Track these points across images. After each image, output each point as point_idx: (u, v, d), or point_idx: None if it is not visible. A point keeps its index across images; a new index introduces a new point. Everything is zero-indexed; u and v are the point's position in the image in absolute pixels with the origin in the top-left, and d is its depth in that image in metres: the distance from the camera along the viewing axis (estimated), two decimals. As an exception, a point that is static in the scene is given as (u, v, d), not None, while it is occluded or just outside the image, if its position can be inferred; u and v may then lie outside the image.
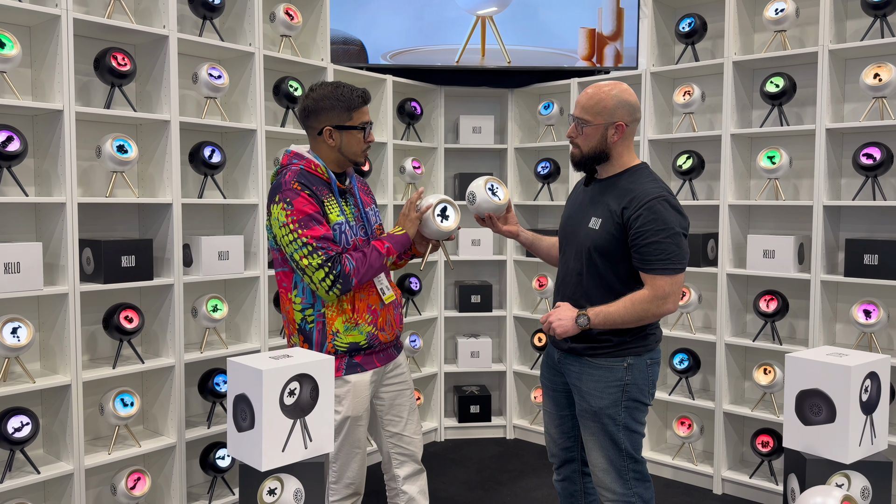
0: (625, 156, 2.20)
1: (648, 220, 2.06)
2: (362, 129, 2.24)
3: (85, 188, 2.92)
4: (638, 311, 2.08)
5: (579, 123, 2.18)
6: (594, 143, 2.17)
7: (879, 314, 3.05)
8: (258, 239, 3.26)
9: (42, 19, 2.64)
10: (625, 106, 2.15)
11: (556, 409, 2.39)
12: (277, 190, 2.17)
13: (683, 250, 2.10)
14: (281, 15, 3.37)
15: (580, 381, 2.23)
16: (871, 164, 3.08)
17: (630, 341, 2.18)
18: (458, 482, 3.64)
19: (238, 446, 1.93)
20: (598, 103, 2.14)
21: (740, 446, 3.68)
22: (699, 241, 3.54)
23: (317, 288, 2.13)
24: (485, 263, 4.48)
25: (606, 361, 2.18)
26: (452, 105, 4.37)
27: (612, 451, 2.20)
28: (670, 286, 2.07)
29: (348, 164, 2.29)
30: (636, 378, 2.18)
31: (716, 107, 3.74)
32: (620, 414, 2.18)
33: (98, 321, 2.91)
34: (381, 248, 2.20)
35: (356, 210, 2.30)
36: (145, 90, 3.02)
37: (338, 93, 2.20)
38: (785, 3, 3.32)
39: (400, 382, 2.39)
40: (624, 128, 2.14)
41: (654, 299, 2.08)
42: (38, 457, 2.73)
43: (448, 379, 4.43)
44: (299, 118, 2.28)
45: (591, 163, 2.21)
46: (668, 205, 2.09)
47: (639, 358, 2.19)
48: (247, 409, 1.89)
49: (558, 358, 2.32)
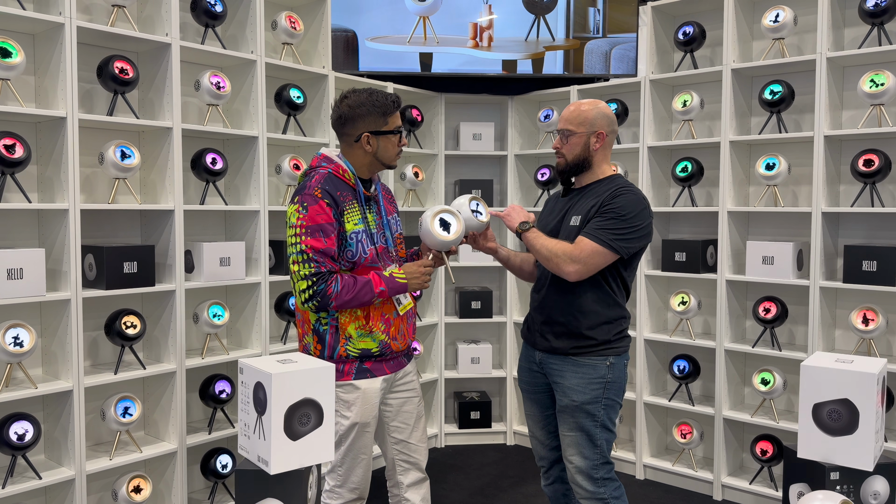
0: (603, 165, 2.39)
1: (609, 202, 2.25)
2: (397, 134, 2.27)
3: (87, 195, 2.93)
4: (553, 253, 2.24)
5: (564, 134, 2.37)
6: (578, 151, 2.36)
7: (878, 320, 3.06)
8: (259, 245, 3.27)
9: (46, 27, 2.66)
10: (604, 117, 2.36)
11: (540, 411, 2.48)
12: (300, 192, 2.18)
13: (623, 235, 2.22)
14: (283, 23, 3.39)
15: (563, 378, 2.33)
16: (870, 170, 3.10)
17: (613, 341, 2.32)
18: (458, 488, 3.65)
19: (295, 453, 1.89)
20: (580, 115, 2.35)
21: (740, 452, 3.68)
22: (698, 248, 3.56)
23: (296, 296, 2.16)
24: (485, 269, 4.49)
25: (591, 360, 2.31)
26: (453, 112, 4.39)
27: (587, 448, 2.30)
28: (588, 254, 2.21)
29: (381, 167, 2.30)
30: (616, 376, 2.32)
31: (715, 114, 3.76)
32: (599, 411, 2.30)
33: (100, 327, 2.92)
34: (377, 287, 2.18)
35: (378, 218, 2.31)
36: (148, 97, 3.04)
37: (373, 99, 2.21)
38: (783, 10, 3.34)
39: (408, 390, 2.39)
40: (604, 136, 2.35)
41: (568, 255, 2.22)
42: (39, 462, 2.73)
43: (448, 385, 4.44)
44: (334, 126, 2.27)
45: (574, 171, 2.39)
46: (632, 195, 2.26)
47: (618, 358, 2.33)
48: (312, 412, 1.88)
49: (539, 359, 2.41)
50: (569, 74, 4.07)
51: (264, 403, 1.86)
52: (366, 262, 2.21)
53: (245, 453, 1.97)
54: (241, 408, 1.98)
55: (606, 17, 4.05)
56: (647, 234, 2.29)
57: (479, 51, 4.03)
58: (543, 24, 4.03)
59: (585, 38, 4.06)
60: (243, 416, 1.97)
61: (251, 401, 1.92)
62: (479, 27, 4.02)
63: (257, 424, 1.89)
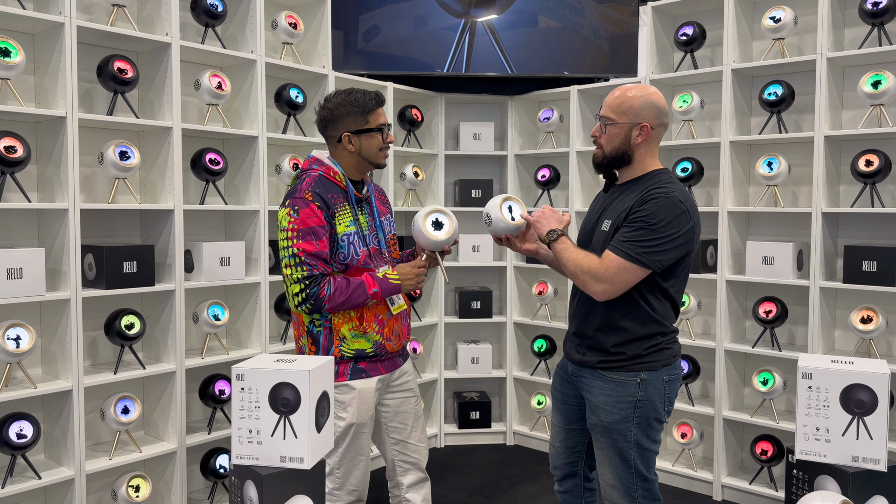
0: (647, 160, 2.13)
1: (640, 209, 2.02)
2: (380, 131, 2.26)
3: (87, 194, 2.93)
4: (578, 270, 2.04)
5: (604, 122, 2.13)
6: (617, 144, 2.11)
7: (878, 321, 3.06)
8: (259, 245, 3.27)
9: (46, 27, 2.66)
10: (651, 108, 2.09)
11: (565, 423, 2.33)
12: (290, 195, 2.19)
13: (653, 247, 1.99)
14: (283, 23, 3.39)
15: (591, 395, 2.17)
16: (870, 170, 3.10)
17: (644, 355, 2.10)
18: (458, 489, 3.65)
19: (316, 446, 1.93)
20: (623, 102, 2.10)
21: (740, 452, 3.68)
22: (698, 248, 3.56)
23: (290, 299, 2.16)
24: (485, 269, 4.49)
25: (619, 375, 2.11)
26: (453, 112, 4.39)
27: (620, 467, 2.14)
28: (614, 271, 1.99)
29: (369, 166, 2.30)
30: (650, 394, 2.10)
31: (715, 114, 3.76)
32: (632, 430, 2.11)
33: (100, 327, 2.92)
34: (370, 289, 2.18)
35: (371, 219, 2.31)
36: (148, 97, 3.04)
37: (351, 98, 2.23)
38: (783, 11, 3.34)
39: (406, 390, 2.39)
40: (649, 130, 2.09)
41: (594, 273, 2.02)
42: (39, 462, 2.73)
43: (448, 385, 4.44)
44: (319, 129, 2.30)
45: (612, 164, 2.16)
46: (666, 202, 2.00)
47: (654, 373, 2.10)
48: (326, 403, 1.92)
49: (571, 370, 2.26)
50: (569, 74, 4.06)
51: (294, 402, 1.87)
52: (358, 264, 2.21)
53: (252, 461, 1.93)
54: (241, 415, 1.91)
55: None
56: (686, 241, 2.03)
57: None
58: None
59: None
60: (246, 422, 1.92)
61: (262, 405, 1.91)
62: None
63: (279, 425, 1.89)
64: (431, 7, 3.95)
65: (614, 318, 2.10)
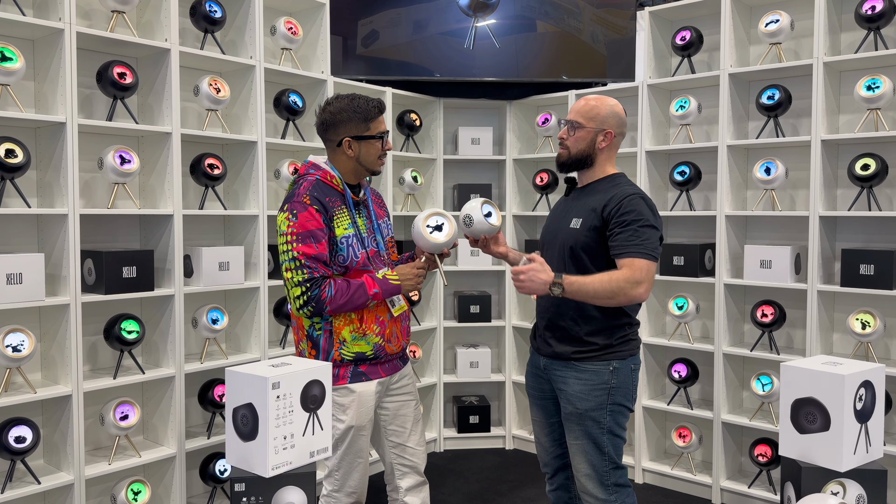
0: (606, 164, 2.34)
1: (627, 211, 2.17)
2: (380, 138, 2.29)
3: (87, 199, 2.94)
4: (613, 287, 2.10)
5: (572, 126, 2.32)
6: (583, 147, 2.30)
7: (876, 324, 3.07)
8: (258, 250, 3.28)
9: (45, 33, 2.67)
10: (615, 117, 2.31)
11: (545, 417, 2.43)
12: (289, 200, 2.21)
13: (655, 241, 2.18)
14: (282, 28, 3.40)
15: (566, 385, 2.28)
16: (867, 174, 3.11)
17: (615, 345, 2.25)
18: (457, 493, 3.65)
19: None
20: (592, 109, 2.30)
21: (739, 456, 3.68)
22: (696, 252, 3.56)
23: (291, 303, 2.17)
24: (484, 274, 4.49)
25: (593, 365, 2.25)
26: (451, 117, 4.40)
27: (595, 455, 2.26)
28: (646, 271, 2.13)
29: (366, 172, 2.32)
30: (621, 382, 2.25)
31: (712, 118, 3.77)
32: (605, 417, 2.24)
33: (99, 332, 2.92)
34: (370, 290, 2.19)
35: (368, 222, 2.33)
36: (147, 102, 3.05)
37: (354, 105, 2.24)
38: (780, 16, 3.35)
39: (405, 393, 2.40)
40: (612, 136, 2.30)
41: (630, 279, 2.11)
42: (38, 467, 2.74)
43: (447, 389, 4.44)
44: (318, 132, 2.31)
45: (575, 165, 2.34)
46: (643, 202, 2.20)
47: (623, 362, 2.26)
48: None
49: (544, 365, 2.36)
50: (567, 79, 4.08)
51: (321, 397, 2.03)
52: (357, 266, 2.23)
53: (288, 466, 1.96)
54: (276, 424, 1.91)
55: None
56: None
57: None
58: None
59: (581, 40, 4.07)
60: (281, 430, 1.92)
61: (295, 407, 1.97)
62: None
63: (309, 422, 2.00)
64: (431, 12, 3.96)
65: (586, 307, 2.23)
